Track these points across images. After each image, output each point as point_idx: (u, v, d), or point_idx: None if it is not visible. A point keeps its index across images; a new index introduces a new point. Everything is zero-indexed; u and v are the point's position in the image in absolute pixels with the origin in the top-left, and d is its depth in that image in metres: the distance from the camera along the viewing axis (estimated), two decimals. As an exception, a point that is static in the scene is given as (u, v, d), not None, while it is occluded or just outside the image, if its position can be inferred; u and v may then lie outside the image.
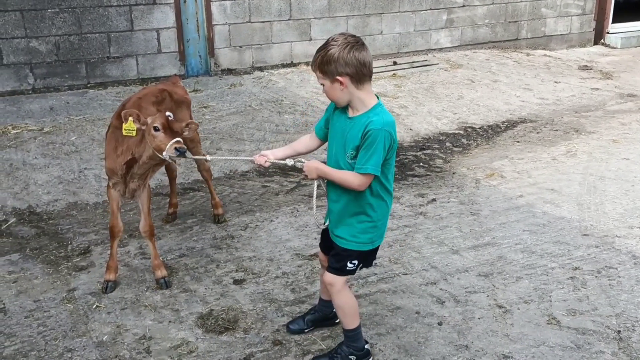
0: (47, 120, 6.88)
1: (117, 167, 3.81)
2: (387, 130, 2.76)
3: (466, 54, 10.77)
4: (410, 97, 8.44)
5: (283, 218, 4.98)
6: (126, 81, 8.14)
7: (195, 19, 8.47)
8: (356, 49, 2.71)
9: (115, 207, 3.97)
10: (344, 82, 2.75)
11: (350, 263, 3.02)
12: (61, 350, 3.31)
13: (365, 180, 2.83)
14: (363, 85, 2.79)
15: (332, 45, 2.73)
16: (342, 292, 3.08)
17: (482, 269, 4.14)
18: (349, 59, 2.70)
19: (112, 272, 3.95)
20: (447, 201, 5.31)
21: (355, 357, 3.14)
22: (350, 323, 3.12)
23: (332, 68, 2.73)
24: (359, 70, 2.73)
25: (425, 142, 7.00)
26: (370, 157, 2.77)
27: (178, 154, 3.43)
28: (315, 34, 9.38)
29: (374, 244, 3.04)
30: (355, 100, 2.82)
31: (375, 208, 2.95)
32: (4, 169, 5.75)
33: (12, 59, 7.46)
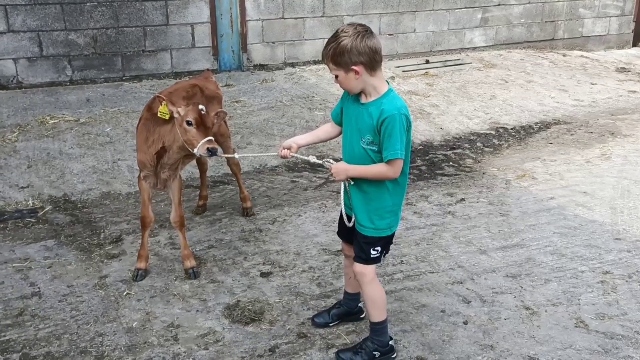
0: (83, 112, 7.03)
1: (148, 158, 3.89)
2: (402, 113, 2.83)
3: (500, 54, 10.65)
4: (441, 96, 8.39)
5: (311, 213, 5.02)
6: (160, 75, 8.27)
7: (229, 15, 8.55)
8: (367, 38, 2.76)
9: (147, 198, 4.05)
10: (359, 71, 2.79)
11: (373, 250, 3.07)
12: (92, 335, 3.40)
13: (397, 166, 2.87)
14: (376, 72, 2.84)
15: (343, 36, 2.77)
16: (373, 283, 3.13)
17: (510, 270, 4.11)
18: (362, 48, 2.75)
19: (143, 261, 4.04)
20: (476, 201, 5.27)
21: (380, 353, 3.16)
22: (378, 315, 3.15)
23: (346, 58, 2.77)
24: (372, 58, 2.78)
25: (455, 141, 6.96)
26: (395, 143, 2.83)
27: (210, 154, 3.48)
28: (348, 31, 9.38)
29: (392, 229, 3.09)
30: (368, 87, 2.87)
31: (392, 193, 3.01)
32: (41, 158, 5.91)
33: (52, 51, 7.65)
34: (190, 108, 3.59)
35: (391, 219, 3.06)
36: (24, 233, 4.65)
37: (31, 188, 5.39)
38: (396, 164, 2.87)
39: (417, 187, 5.59)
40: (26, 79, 7.61)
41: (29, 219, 4.87)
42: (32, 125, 6.59)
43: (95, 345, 3.31)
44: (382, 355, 3.17)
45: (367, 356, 3.14)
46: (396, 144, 2.83)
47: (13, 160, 5.83)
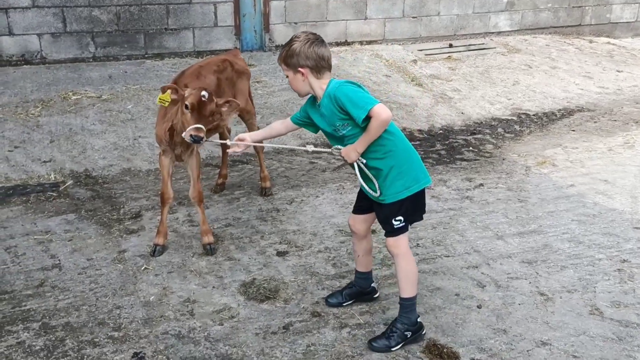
0: (105, 88, 7.09)
1: (162, 133, 3.96)
2: (343, 83, 3.01)
3: (525, 39, 10.49)
4: (464, 81, 8.31)
5: (328, 194, 5.03)
6: (182, 53, 8.29)
7: (252, -6, 8.52)
8: (315, 45, 3.03)
9: (166, 175, 4.10)
10: (304, 73, 3.04)
11: (394, 220, 3.10)
12: (110, 307, 3.47)
13: (380, 110, 2.90)
14: (323, 75, 3.07)
15: (295, 41, 3.05)
16: (407, 256, 3.17)
17: (526, 256, 4.09)
18: (310, 53, 3.02)
19: (162, 237, 4.09)
20: (494, 187, 5.24)
21: (411, 332, 3.18)
22: (410, 290, 3.17)
23: (295, 61, 3.04)
24: (318, 63, 3.03)
25: (476, 126, 6.91)
26: (356, 102, 2.92)
27: (192, 140, 3.47)
28: (371, 13, 9.31)
29: (410, 189, 3.08)
30: (316, 89, 3.08)
31: (391, 156, 3.05)
32: (63, 133, 5.99)
33: (75, 27, 7.70)
34: (193, 93, 3.60)
35: (404, 180, 3.07)
36: (46, 206, 4.73)
37: (53, 162, 5.47)
38: (377, 110, 2.90)
39: (435, 171, 5.57)
40: (50, 54, 7.68)
41: (51, 193, 4.96)
42: (55, 101, 6.67)
43: (113, 317, 3.38)
44: (414, 334, 3.19)
45: (400, 338, 3.16)
46: (358, 102, 2.92)
47: (36, 135, 5.91)
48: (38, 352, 3.10)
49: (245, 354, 3.12)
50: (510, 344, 3.22)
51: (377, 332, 3.29)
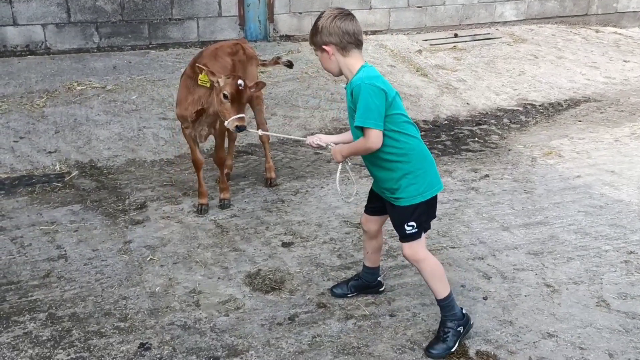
0: (109, 79, 7.08)
1: (187, 114, 4.18)
2: (369, 83, 2.79)
3: (531, 29, 10.41)
4: (469, 71, 8.26)
5: (333, 185, 5.01)
6: (186, 43, 8.26)
7: (257, -16, 8.48)
8: (339, 19, 2.86)
9: (192, 144, 4.40)
10: (329, 50, 2.90)
11: (407, 226, 3.01)
12: (116, 298, 3.47)
13: (372, 136, 2.81)
14: (349, 53, 2.90)
15: (319, 18, 2.93)
16: (426, 260, 3.07)
17: (532, 248, 4.08)
18: (332, 29, 2.86)
19: (204, 197, 4.46)
20: (500, 178, 5.22)
21: (463, 327, 3.12)
22: (443, 289, 3.08)
23: (318, 38, 2.91)
24: (342, 39, 2.86)
25: (482, 117, 6.87)
26: (361, 111, 2.80)
27: (238, 130, 3.73)
28: (375, 3, 9.25)
29: (424, 195, 2.98)
30: (344, 69, 2.94)
31: (405, 161, 2.93)
32: (68, 124, 5.98)
33: (79, 17, 7.68)
34: (230, 81, 3.76)
35: (418, 185, 2.96)
36: (51, 197, 4.74)
37: (58, 153, 5.47)
38: (369, 134, 2.81)
39: (441, 162, 5.54)
40: (54, 44, 7.66)
41: (56, 184, 4.96)
42: (60, 91, 6.66)
43: (119, 307, 3.38)
44: (465, 327, 3.13)
45: (456, 336, 3.09)
46: (363, 112, 2.80)
47: (41, 126, 5.91)
48: (45, 342, 3.11)
49: (251, 345, 3.12)
50: (517, 335, 3.22)
51: (382, 323, 3.29)
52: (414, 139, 2.97)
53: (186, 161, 5.46)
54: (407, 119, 2.95)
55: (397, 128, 2.89)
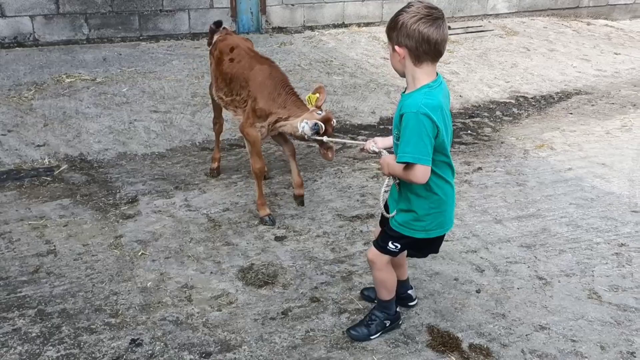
0: (99, 71, 7.01)
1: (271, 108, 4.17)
2: (422, 113, 2.50)
3: (523, 21, 10.42)
4: (462, 64, 8.25)
5: (326, 179, 5.00)
6: (178, 35, 8.20)
7: (248, -25, 8.42)
8: (424, 22, 2.47)
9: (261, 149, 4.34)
10: (400, 53, 2.57)
11: (392, 244, 2.90)
12: (107, 293, 3.44)
13: (416, 171, 2.57)
14: (422, 64, 2.57)
15: (404, 11, 2.54)
16: (383, 271, 3.02)
17: (525, 240, 4.08)
18: (411, 31, 2.49)
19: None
20: (493, 170, 5.22)
21: (390, 322, 3.15)
22: (387, 295, 3.11)
23: (394, 35, 2.57)
24: (419, 46, 2.51)
25: (474, 109, 6.87)
26: (405, 144, 2.55)
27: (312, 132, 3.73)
28: (365, -6, 9.21)
29: (428, 232, 2.82)
30: (409, 76, 2.63)
31: (414, 203, 2.76)
32: (57, 117, 5.92)
33: (68, 8, 7.59)
34: (327, 113, 3.80)
35: (426, 222, 2.79)
36: (40, 191, 4.69)
37: (47, 147, 5.42)
38: (416, 169, 2.56)
39: (433, 154, 5.53)
40: (43, 36, 7.58)
41: (45, 178, 4.90)
42: (49, 84, 6.59)
43: (109, 303, 3.35)
44: (392, 322, 3.17)
45: (380, 327, 3.12)
46: (406, 146, 2.55)
47: (29, 119, 5.85)
48: (34, 339, 3.08)
49: (243, 339, 3.10)
50: (509, 328, 3.22)
51: (376, 317, 3.28)
52: (447, 185, 2.76)
53: (178, 154, 5.43)
54: (448, 160, 2.71)
55: (437, 170, 2.67)
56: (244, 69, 4.33)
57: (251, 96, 4.24)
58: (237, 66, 4.38)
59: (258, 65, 4.32)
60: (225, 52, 4.52)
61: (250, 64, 4.34)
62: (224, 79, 4.46)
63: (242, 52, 4.45)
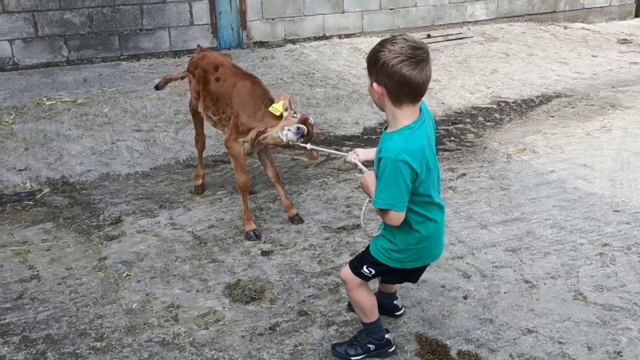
0: (80, 92, 6.98)
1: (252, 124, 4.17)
2: (400, 160, 2.42)
3: (502, 27, 10.53)
4: (443, 71, 8.31)
5: (312, 191, 5.00)
6: (159, 53, 8.20)
7: (227, -9, 8.45)
8: (406, 64, 2.35)
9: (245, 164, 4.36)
10: (378, 91, 2.48)
11: (367, 269, 2.83)
12: (92, 317, 3.40)
13: (390, 217, 2.54)
14: (401, 105, 2.47)
15: (386, 47, 2.40)
16: (357, 291, 2.92)
17: (510, 244, 4.10)
18: (392, 72, 2.38)
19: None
20: (477, 176, 5.25)
21: (375, 346, 3.04)
22: (366, 318, 3.01)
23: (374, 71, 2.45)
24: (398, 89, 2.41)
25: (457, 116, 6.91)
26: (381, 190, 2.51)
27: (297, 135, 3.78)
28: (348, 7, 9.27)
29: (403, 264, 2.77)
30: (389, 114, 2.53)
31: (396, 235, 2.70)
32: (38, 140, 5.88)
33: (47, 31, 7.57)
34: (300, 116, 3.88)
35: (404, 255, 2.73)
36: (22, 216, 4.64)
37: (29, 171, 5.37)
38: (387, 213, 2.52)
39: (417, 163, 5.55)
40: (22, 60, 7.55)
41: (27, 202, 4.86)
42: (29, 107, 6.55)
43: (94, 327, 3.32)
44: (378, 348, 3.05)
45: (362, 349, 3.03)
46: (381, 192, 2.50)
47: (10, 143, 5.80)
48: (20, 365, 3.04)
49: (231, 357, 3.08)
50: (497, 333, 3.22)
51: (364, 328, 3.27)
52: (431, 222, 2.67)
53: (162, 173, 5.41)
54: (432, 200, 2.62)
55: (418, 209, 2.61)
56: (228, 87, 4.36)
57: (234, 112, 4.25)
58: (222, 85, 4.40)
59: (241, 81, 4.33)
60: (210, 72, 4.52)
61: (234, 81, 4.36)
62: (211, 98, 4.47)
63: (227, 71, 4.47)
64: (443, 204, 2.73)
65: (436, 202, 2.67)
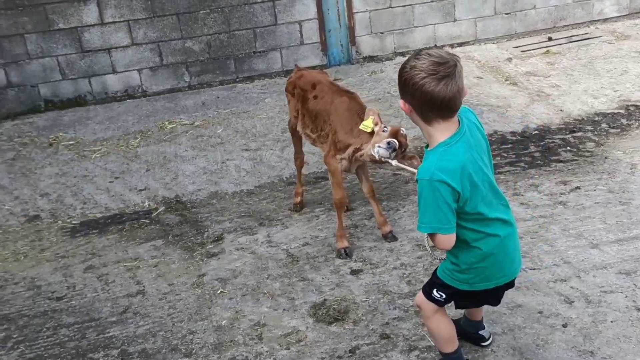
0: (198, 115, 7.40)
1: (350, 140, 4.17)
2: (437, 180, 2.31)
3: (636, 24, 9.64)
4: (564, 75, 7.77)
5: (409, 207, 4.88)
6: (271, 74, 8.47)
7: (336, 9, 8.53)
8: (429, 80, 2.26)
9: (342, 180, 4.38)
10: (406, 110, 2.42)
11: (437, 292, 2.72)
12: (184, 332, 3.56)
13: (437, 239, 2.44)
14: (431, 122, 2.38)
15: (410, 63, 2.34)
16: (432, 319, 2.82)
17: (624, 266, 3.71)
18: (414, 91, 2.30)
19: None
20: (593, 189, 4.82)
21: None
22: (444, 348, 2.87)
23: (400, 88, 2.40)
24: (422, 106, 2.33)
25: (576, 124, 6.41)
26: (424, 213, 2.42)
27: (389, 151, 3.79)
28: (460, 15, 8.99)
29: (472, 285, 2.64)
30: (424, 132, 2.47)
31: (457, 255, 2.59)
32: (158, 161, 6.30)
33: (171, 60, 8.12)
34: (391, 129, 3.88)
35: (469, 275, 2.61)
36: (137, 234, 4.98)
37: (148, 190, 5.76)
38: (436, 237, 2.43)
39: (527, 175, 5.22)
40: (149, 87, 8.15)
41: (144, 220, 5.21)
42: (153, 131, 7.05)
43: (185, 342, 3.47)
44: None
45: None
46: (424, 216, 2.42)
47: (134, 165, 6.27)
48: (116, 377, 3.24)
49: (310, 379, 3.07)
50: (599, 367, 2.92)
51: (448, 354, 3.10)
52: (493, 238, 2.52)
53: (265, 191, 5.56)
54: (484, 217, 2.47)
55: (472, 226, 2.49)
56: (326, 104, 4.41)
57: (332, 129, 4.29)
58: (320, 102, 4.47)
59: (338, 98, 4.37)
60: (308, 90, 4.61)
61: (331, 98, 4.41)
62: (310, 116, 4.56)
63: (325, 88, 4.53)
64: (507, 217, 2.55)
65: (495, 217, 2.51)
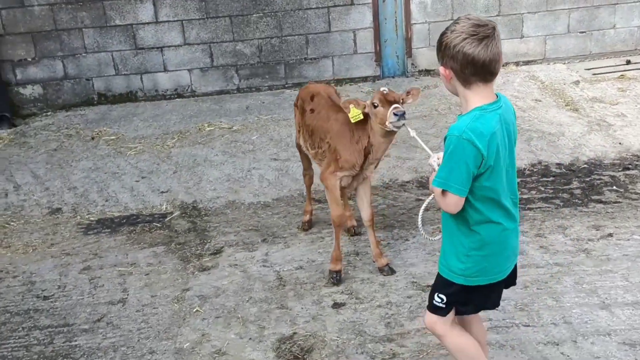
0: (239, 119, 7.36)
1: (356, 155, 3.95)
2: (465, 138, 2.30)
3: None
4: (633, 104, 7.10)
5: (419, 238, 4.57)
6: (322, 82, 8.29)
7: (394, 19, 8.25)
8: (469, 42, 2.30)
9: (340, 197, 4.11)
10: (447, 75, 2.43)
11: (437, 297, 2.61)
12: (145, 351, 3.48)
13: (448, 199, 2.39)
14: (471, 85, 2.39)
15: (449, 29, 2.38)
16: (448, 337, 2.67)
17: (631, 336, 3.26)
18: (455, 53, 2.33)
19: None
20: (627, 238, 4.32)
21: None
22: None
23: (440, 55, 2.43)
24: (463, 69, 2.34)
25: (633, 160, 5.81)
26: (443, 169, 2.40)
27: (397, 117, 3.48)
28: (528, 31, 8.46)
29: (471, 279, 2.52)
30: (461, 98, 2.46)
31: (463, 233, 2.51)
32: (187, 164, 6.30)
33: (221, 61, 8.14)
34: (374, 94, 3.70)
35: (464, 265, 2.51)
36: (144, 237, 4.97)
37: (169, 193, 5.76)
38: (447, 197, 2.40)
39: (558, 215, 4.77)
40: (198, 87, 8.22)
41: (156, 224, 5.20)
42: (191, 132, 7.08)
43: (141, 362, 3.38)
44: None
45: None
46: (442, 171, 2.40)
47: (164, 166, 6.30)
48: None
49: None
50: None
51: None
52: (494, 225, 2.46)
53: (281, 204, 5.41)
54: (497, 199, 2.44)
55: (479, 205, 2.44)
56: (322, 121, 4.20)
57: (331, 149, 4.07)
58: (317, 117, 4.27)
59: (334, 115, 4.15)
60: (306, 101, 4.43)
61: (327, 115, 4.19)
62: (307, 130, 4.36)
63: (322, 101, 4.32)
64: (514, 212, 2.52)
65: (503, 205, 2.47)
